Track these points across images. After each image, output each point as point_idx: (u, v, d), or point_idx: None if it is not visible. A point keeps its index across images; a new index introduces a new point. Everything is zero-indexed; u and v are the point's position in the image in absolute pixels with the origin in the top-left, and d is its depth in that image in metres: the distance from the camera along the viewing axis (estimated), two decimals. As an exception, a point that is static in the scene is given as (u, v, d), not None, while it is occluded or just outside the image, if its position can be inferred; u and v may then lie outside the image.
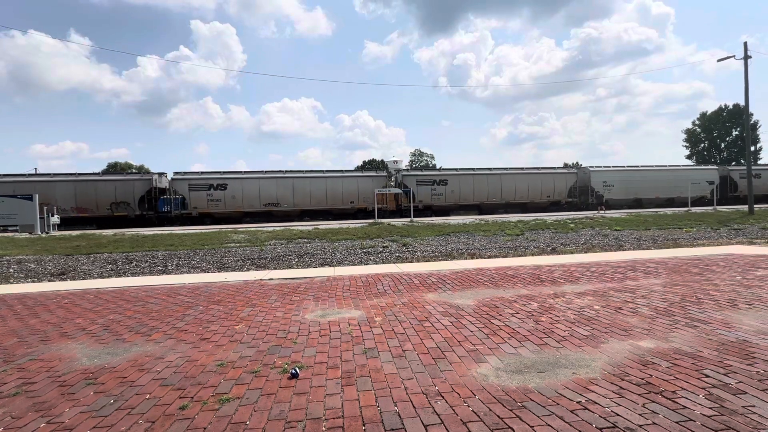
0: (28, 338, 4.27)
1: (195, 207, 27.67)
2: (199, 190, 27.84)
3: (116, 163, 66.41)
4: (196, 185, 27.93)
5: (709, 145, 66.06)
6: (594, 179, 34.22)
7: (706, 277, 6.48)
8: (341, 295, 5.85)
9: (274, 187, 29.19)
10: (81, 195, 26.77)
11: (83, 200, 26.75)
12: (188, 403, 2.72)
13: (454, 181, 31.95)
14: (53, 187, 26.39)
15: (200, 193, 27.42)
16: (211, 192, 27.57)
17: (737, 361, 3.14)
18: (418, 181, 31.32)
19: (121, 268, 9.64)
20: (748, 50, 24.37)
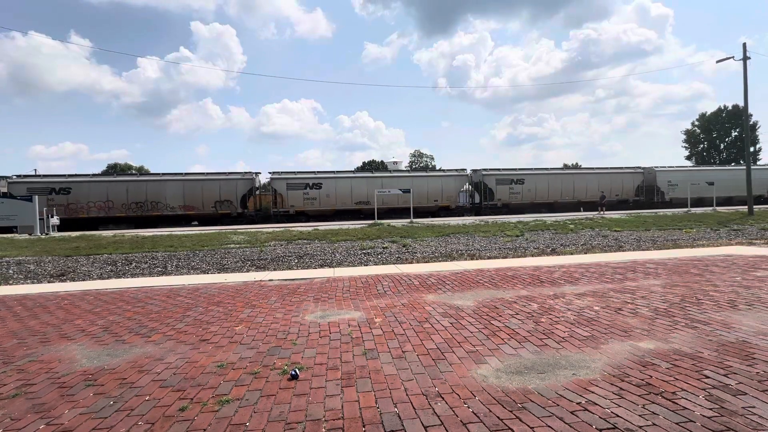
0: (27, 339, 4.27)
1: (292, 205, 28.88)
2: (296, 188, 29.06)
3: (116, 165, 66.36)
4: (294, 184, 29.16)
5: (708, 146, 66.10)
6: (660, 179, 35.35)
7: (705, 277, 6.48)
8: (341, 296, 5.85)
9: (365, 186, 30.34)
10: (189, 194, 27.94)
11: (190, 199, 27.95)
12: (188, 405, 2.71)
13: (531, 181, 33.21)
14: (164, 186, 27.72)
15: (297, 191, 28.65)
16: (307, 191, 28.83)
17: (737, 362, 3.14)
18: (498, 180, 32.85)
19: (121, 269, 9.63)
20: (746, 51, 24.42)
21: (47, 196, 26.30)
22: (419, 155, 79.59)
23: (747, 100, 24.97)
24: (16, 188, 26.42)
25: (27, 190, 26.05)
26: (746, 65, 24.45)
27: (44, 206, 24.51)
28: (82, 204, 26.88)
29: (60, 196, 26.61)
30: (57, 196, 26.73)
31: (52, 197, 26.55)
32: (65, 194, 26.66)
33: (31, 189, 26.02)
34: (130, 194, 27.34)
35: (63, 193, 26.72)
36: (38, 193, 25.42)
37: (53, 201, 26.31)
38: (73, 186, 26.96)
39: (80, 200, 26.82)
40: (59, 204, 26.34)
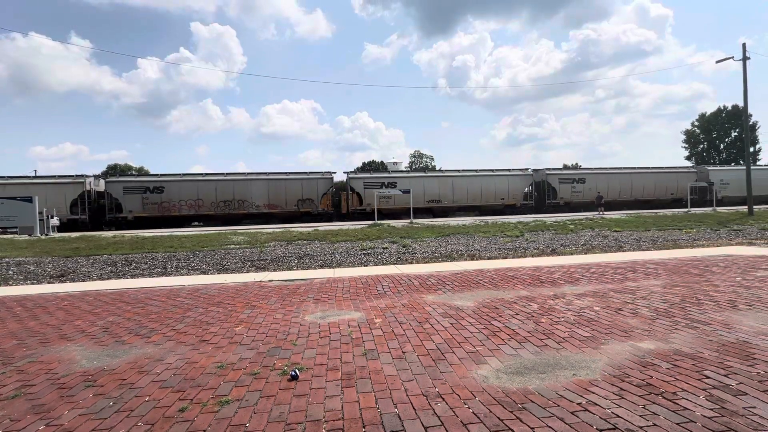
0: (27, 340, 4.27)
1: (368, 204, 29.94)
2: (373, 187, 30.42)
3: (116, 165, 66.39)
4: (371, 183, 30.76)
5: (708, 146, 66.15)
6: (712, 178, 36.22)
7: (705, 278, 6.48)
8: (341, 296, 5.84)
9: (437, 185, 31.97)
10: (273, 193, 29.17)
11: (275, 197, 29.17)
12: (188, 405, 2.71)
13: (592, 180, 34.24)
14: (250, 185, 28.82)
15: (373, 190, 29.91)
16: (382, 190, 30.20)
17: (737, 362, 3.14)
18: (561, 180, 34.18)
19: (121, 269, 9.63)
20: (746, 51, 24.44)
21: (142, 195, 27.28)
22: (419, 155, 79.66)
23: (747, 101, 24.99)
24: (113, 187, 27.39)
25: (123, 189, 27.15)
26: (746, 65, 24.48)
27: (140, 205, 26.66)
28: (174, 202, 27.82)
29: (154, 195, 27.40)
30: (151, 195, 27.49)
31: (147, 196, 27.42)
32: (159, 193, 27.49)
33: (127, 188, 27.13)
34: (218, 193, 28.35)
35: (157, 192, 27.48)
36: (134, 192, 27.06)
37: (148, 199, 27.23)
38: (166, 185, 27.84)
39: (173, 199, 27.74)
40: (153, 202, 27.29)
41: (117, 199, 27.13)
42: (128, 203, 27.01)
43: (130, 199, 27.01)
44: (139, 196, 27.17)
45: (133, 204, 27.12)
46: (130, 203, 27.06)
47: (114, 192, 27.09)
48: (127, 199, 27.00)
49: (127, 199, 27.02)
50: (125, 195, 27.16)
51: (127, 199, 27.01)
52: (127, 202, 27.00)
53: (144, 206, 27.12)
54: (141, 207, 27.22)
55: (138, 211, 27.15)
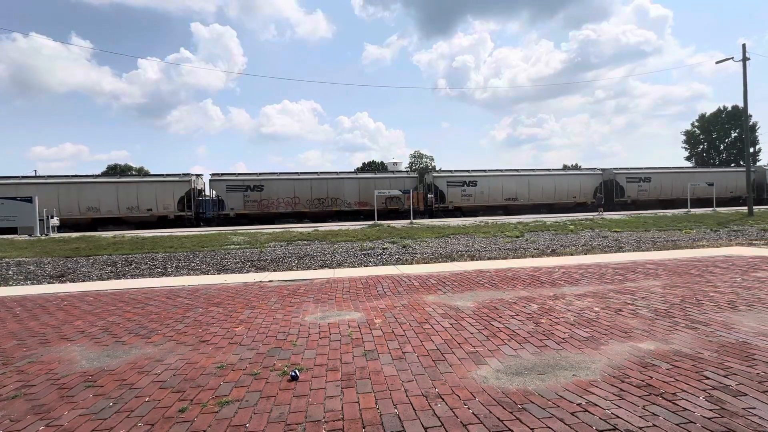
0: (27, 341, 4.27)
1: (451, 201, 31.91)
2: (455, 186, 32.19)
3: (116, 165, 66.39)
4: (453, 182, 32.33)
5: (708, 147, 66.18)
6: None
7: (705, 278, 6.48)
8: (341, 297, 5.84)
9: (514, 184, 33.23)
10: (363, 191, 30.74)
11: (364, 195, 30.64)
12: (188, 406, 2.71)
13: (657, 179, 35.25)
14: (342, 183, 30.87)
15: (456, 189, 32.01)
16: (464, 188, 31.97)
17: (737, 363, 3.14)
18: (628, 178, 35.17)
19: (121, 270, 9.63)
20: (746, 52, 24.45)
21: (243, 193, 28.29)
22: (419, 156, 79.66)
23: (746, 101, 25.00)
24: (217, 186, 28.49)
25: (226, 187, 28.21)
26: (746, 66, 24.49)
27: (241, 202, 27.75)
28: (273, 200, 29.01)
29: (254, 193, 28.52)
30: (252, 193, 28.51)
31: (248, 194, 28.44)
32: (259, 191, 28.61)
33: (230, 187, 28.18)
34: (313, 191, 29.80)
35: (257, 190, 28.58)
36: (236, 190, 28.07)
37: (249, 197, 28.29)
38: (265, 183, 28.97)
39: (271, 196, 28.97)
40: (254, 200, 28.42)
41: (220, 196, 28.24)
42: (231, 201, 27.98)
43: (232, 197, 27.95)
44: (240, 194, 28.14)
45: (235, 201, 28.06)
46: (233, 201, 28.01)
47: (217, 190, 28.27)
48: (229, 197, 27.97)
49: (229, 196, 27.99)
50: (228, 193, 28.09)
51: (230, 197, 27.97)
52: (230, 199, 27.97)
53: (245, 204, 28.12)
54: (242, 204, 28.19)
55: (239, 209, 28.12)
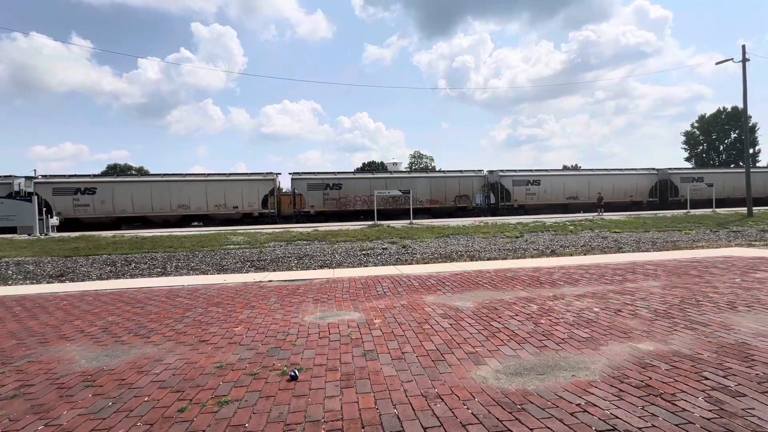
0: (26, 340, 4.26)
1: (516, 200, 32.94)
2: (520, 185, 32.95)
3: (116, 165, 66.37)
4: (518, 181, 33.27)
5: (707, 148, 66.26)
6: None
7: (705, 279, 6.48)
8: (341, 297, 5.84)
9: (575, 183, 34.65)
10: (434, 189, 32.13)
11: (436, 193, 32.06)
12: (187, 406, 2.71)
13: (709, 178, 36.05)
14: (415, 182, 31.86)
15: (521, 188, 33.02)
16: (529, 187, 33.06)
17: (736, 364, 3.15)
18: (682, 178, 36.41)
19: (120, 269, 9.62)
20: (746, 53, 24.47)
21: (323, 191, 29.79)
22: (419, 156, 79.68)
23: (746, 102, 25.02)
24: (298, 184, 29.91)
25: (307, 186, 29.69)
26: (745, 67, 24.51)
27: (321, 200, 29.32)
28: (350, 198, 30.36)
29: (333, 191, 30.07)
30: (331, 191, 30.01)
31: (327, 192, 29.92)
32: (338, 189, 30.13)
33: (310, 185, 29.72)
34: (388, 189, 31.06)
35: (336, 189, 30.14)
36: (316, 188, 29.61)
37: (328, 195, 29.81)
38: (343, 182, 30.42)
39: (349, 195, 30.37)
40: (332, 198, 29.91)
41: (301, 194, 29.72)
42: (311, 199, 29.55)
43: (312, 195, 29.53)
44: (320, 192, 29.68)
45: (315, 199, 29.56)
46: (313, 199, 29.55)
47: (299, 188, 29.77)
48: (310, 195, 29.56)
49: (310, 195, 29.57)
50: (309, 191, 29.59)
51: (311, 195, 29.55)
52: (311, 197, 29.55)
53: (324, 202, 29.63)
54: (322, 202, 29.69)
55: (319, 206, 29.59)
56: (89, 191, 27.17)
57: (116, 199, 27.33)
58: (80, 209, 26.96)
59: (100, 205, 27.14)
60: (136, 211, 27.43)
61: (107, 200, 27.26)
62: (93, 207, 27.00)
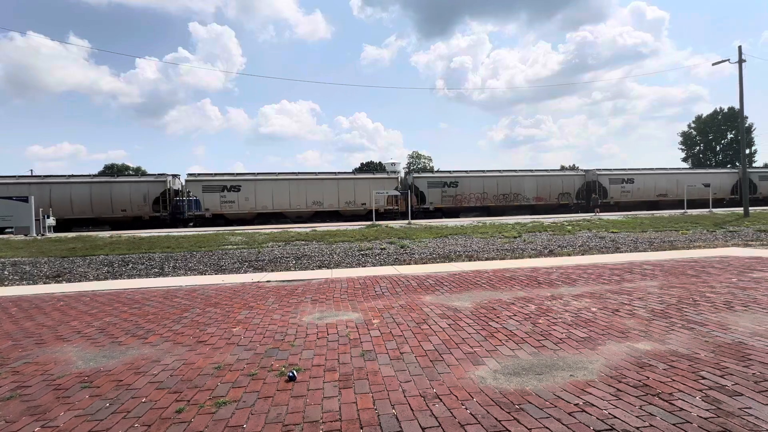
0: (22, 341, 4.24)
1: (612, 197, 34.62)
2: (616, 183, 34.72)
3: (113, 165, 66.16)
4: (614, 179, 34.85)
5: (704, 148, 66.57)
6: None
7: (702, 279, 6.51)
8: (339, 297, 5.84)
9: (665, 181, 36.18)
10: (540, 187, 34.18)
11: (542, 191, 34.16)
12: (185, 407, 2.70)
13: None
14: (523, 180, 33.65)
15: (616, 186, 34.73)
16: (623, 185, 34.63)
17: (733, 363, 3.16)
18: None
19: (118, 270, 9.58)
20: (742, 54, 24.58)
21: (441, 189, 31.95)
22: (417, 156, 79.73)
23: (743, 103, 25.12)
24: (419, 182, 31.87)
25: (428, 183, 31.79)
26: (742, 68, 24.61)
27: (439, 197, 31.66)
28: (465, 195, 32.38)
29: (450, 189, 32.32)
30: (448, 189, 32.20)
31: (445, 190, 32.08)
32: (454, 187, 32.36)
33: (430, 183, 31.91)
34: (499, 187, 33.04)
35: (452, 186, 32.34)
36: (435, 186, 31.91)
37: (446, 193, 32.03)
38: (459, 180, 32.53)
39: (464, 192, 32.43)
40: (450, 195, 32.06)
41: (422, 192, 31.70)
42: (431, 196, 31.68)
43: (432, 192, 31.68)
44: (439, 189, 31.86)
45: (434, 196, 31.70)
46: (432, 196, 31.68)
47: (420, 186, 31.76)
48: (430, 192, 31.69)
49: (430, 192, 31.69)
50: (429, 189, 31.62)
51: (430, 192, 31.69)
52: (430, 195, 31.67)
53: (442, 199, 31.82)
54: (440, 199, 31.90)
55: (437, 203, 31.79)
56: (234, 188, 28.33)
57: (258, 195, 28.69)
58: (226, 206, 28.13)
59: (244, 201, 28.50)
60: (275, 207, 28.94)
61: (250, 197, 28.33)
62: (238, 204, 28.15)
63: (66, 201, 26.52)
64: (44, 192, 26.10)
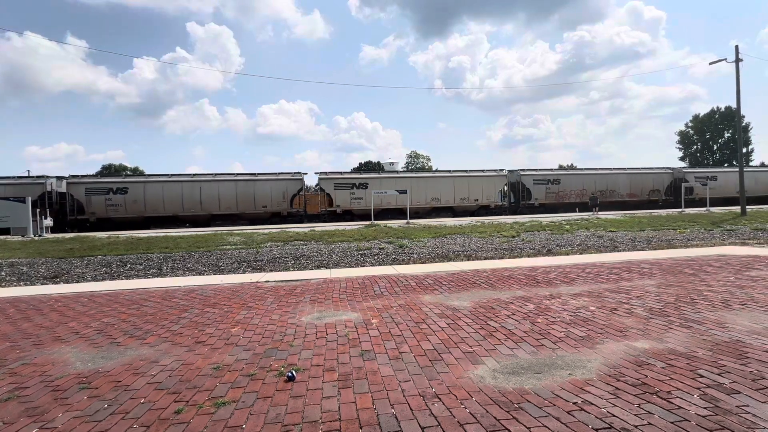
0: (20, 342, 4.22)
1: (697, 193, 36.11)
2: (702, 180, 35.12)
3: (110, 165, 65.96)
4: (700, 177, 36.60)
5: (702, 147, 66.75)
6: None
7: (699, 277, 6.53)
8: (338, 297, 5.84)
9: (753, 181, 36.96)
10: (633, 184, 36.22)
11: (634, 188, 36.16)
12: (183, 407, 2.70)
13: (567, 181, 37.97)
14: (617, 178, 35.79)
15: (703, 182, 35.03)
16: (708, 182, 34.60)
17: (731, 361, 3.17)
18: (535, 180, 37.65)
19: (116, 270, 9.56)
20: (739, 54, 24.65)
21: (545, 186, 34.40)
22: (415, 156, 79.75)
23: (739, 102, 25.19)
24: (526, 179, 34.21)
25: (533, 181, 34.18)
26: (739, 67, 24.69)
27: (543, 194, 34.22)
28: (567, 191, 34.88)
29: (554, 186, 34.68)
30: (552, 186, 34.55)
31: (549, 186, 34.54)
32: (557, 184, 34.81)
33: (535, 180, 34.34)
34: (597, 184, 35.19)
35: (555, 184, 34.80)
36: (539, 183, 34.24)
37: (549, 189, 34.35)
38: (561, 178, 35.20)
39: (566, 189, 35.03)
40: (553, 192, 34.52)
41: (528, 188, 34.16)
42: (535, 192, 34.20)
43: (537, 189, 34.20)
44: (543, 186, 34.36)
45: (539, 193, 34.31)
46: (537, 192, 34.22)
47: (526, 183, 34.24)
48: (535, 189, 34.18)
49: (535, 189, 34.20)
50: (534, 185, 34.12)
51: (535, 189, 34.21)
52: (535, 191, 34.17)
53: (546, 195, 34.31)
54: (544, 196, 34.38)
55: (542, 199, 34.27)
56: (362, 186, 30.58)
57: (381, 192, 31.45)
58: (355, 202, 30.26)
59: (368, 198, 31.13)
60: (398, 204, 30.51)
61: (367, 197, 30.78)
62: (365, 200, 29.76)
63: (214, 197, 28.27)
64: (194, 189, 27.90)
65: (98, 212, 26.44)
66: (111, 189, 26.78)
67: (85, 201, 26.19)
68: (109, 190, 26.74)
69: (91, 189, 26.45)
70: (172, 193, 27.79)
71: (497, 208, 33.13)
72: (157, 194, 27.55)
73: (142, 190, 27.33)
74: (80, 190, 26.29)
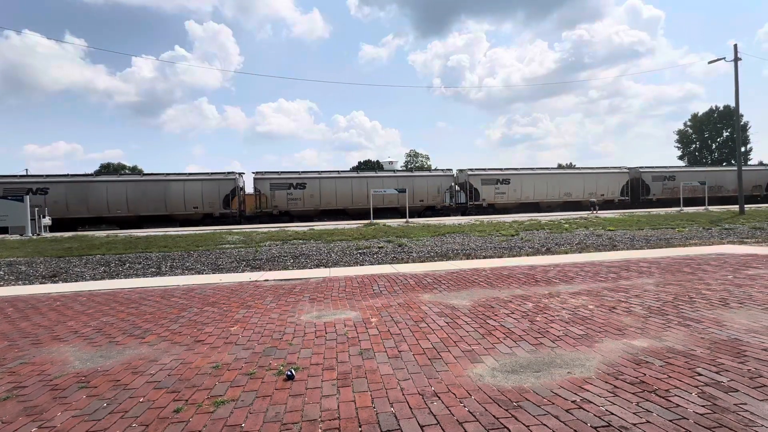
0: (19, 341, 4.22)
1: (654, 194, 38.16)
2: (489, 184, 37.05)
3: (109, 164, 65.83)
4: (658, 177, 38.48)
5: (700, 146, 66.85)
6: None
7: (698, 276, 6.55)
8: (337, 296, 5.84)
9: (544, 184, 38.37)
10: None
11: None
12: (183, 406, 2.69)
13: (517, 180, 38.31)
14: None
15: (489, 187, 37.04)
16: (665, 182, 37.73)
17: (729, 360, 3.18)
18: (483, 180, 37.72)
19: (114, 269, 9.54)
20: (737, 53, 24.67)
21: (662, 182, 37.08)
22: (414, 155, 79.73)
23: (738, 101, 25.24)
24: (646, 176, 36.95)
25: (652, 177, 37.05)
26: (737, 66, 24.72)
27: (660, 189, 37.16)
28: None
29: (668, 182, 37.32)
30: (666, 182, 37.24)
31: (665, 183, 37.24)
32: (671, 180, 37.12)
33: (654, 177, 37.08)
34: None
35: (670, 180, 37.22)
36: (657, 180, 37.41)
37: (666, 185, 36.89)
38: (677, 174, 37.16)
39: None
40: (668, 188, 36.84)
41: (647, 184, 37.29)
42: (654, 188, 37.35)
43: (655, 185, 37.32)
44: (660, 183, 37.43)
45: (656, 189, 37.32)
46: (655, 188, 37.35)
47: (646, 179, 37.29)
48: (653, 185, 37.34)
49: (653, 185, 37.35)
50: (653, 182, 37.28)
51: (653, 185, 37.35)
52: (653, 187, 37.34)
53: (663, 190, 37.27)
54: (661, 191, 37.28)
55: (658, 194, 37.31)
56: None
57: (523, 188, 34.64)
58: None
59: (512, 193, 34.52)
60: (536, 197, 34.56)
61: (518, 189, 34.33)
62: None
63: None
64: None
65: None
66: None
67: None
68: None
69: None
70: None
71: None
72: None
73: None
74: (266, 185, 29.28)
